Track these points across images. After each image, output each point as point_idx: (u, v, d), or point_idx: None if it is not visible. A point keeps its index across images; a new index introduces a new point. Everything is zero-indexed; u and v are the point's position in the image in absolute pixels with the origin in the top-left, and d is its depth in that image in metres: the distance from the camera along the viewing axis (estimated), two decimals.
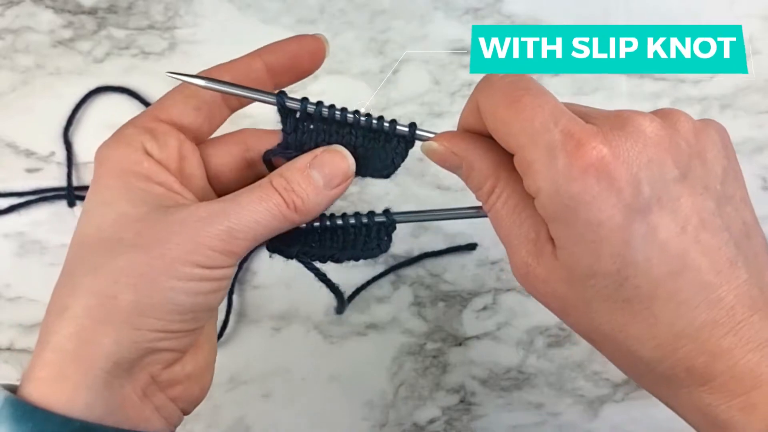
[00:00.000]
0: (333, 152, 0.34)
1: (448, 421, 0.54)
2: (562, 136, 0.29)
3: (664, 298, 0.29)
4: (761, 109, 0.57)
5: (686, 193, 0.30)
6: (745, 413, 0.29)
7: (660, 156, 0.29)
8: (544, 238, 0.31)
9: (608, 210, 0.28)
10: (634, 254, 0.29)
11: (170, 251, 0.31)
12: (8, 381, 0.52)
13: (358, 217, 0.36)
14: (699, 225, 0.30)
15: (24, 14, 0.56)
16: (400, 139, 0.36)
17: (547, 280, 0.31)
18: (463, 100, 0.57)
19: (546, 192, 0.29)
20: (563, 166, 0.28)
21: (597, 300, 0.30)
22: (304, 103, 0.35)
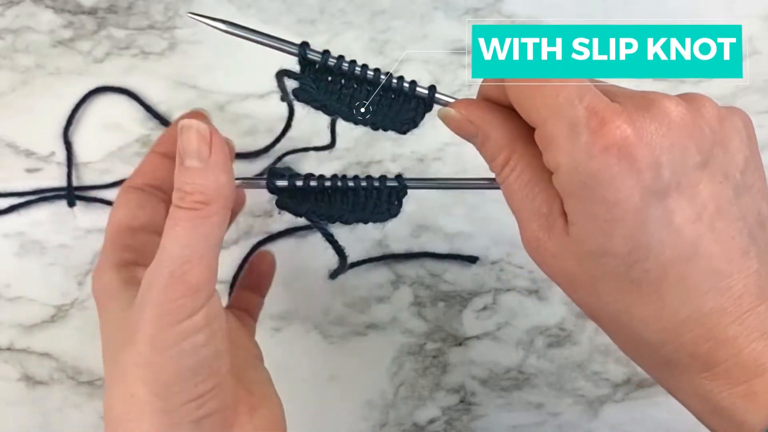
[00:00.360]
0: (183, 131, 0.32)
1: (448, 421, 0.54)
2: (586, 113, 0.29)
3: (673, 282, 0.29)
4: (761, 109, 0.57)
5: (706, 179, 0.30)
6: (747, 400, 0.29)
7: (683, 141, 0.29)
8: (556, 212, 0.31)
9: (626, 191, 0.28)
10: (647, 237, 0.29)
11: (146, 330, 0.31)
12: (7, 380, 0.52)
13: (369, 180, 0.36)
14: (715, 213, 0.30)
15: (24, 14, 0.56)
16: (419, 100, 0.36)
17: (557, 255, 0.31)
18: None
19: (565, 167, 0.29)
20: (585, 143, 0.28)
21: (605, 279, 0.30)
22: (325, 56, 0.35)
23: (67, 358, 0.53)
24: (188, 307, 0.31)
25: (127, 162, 0.55)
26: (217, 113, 0.55)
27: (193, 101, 0.55)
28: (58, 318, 0.53)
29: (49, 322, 0.53)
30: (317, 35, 0.57)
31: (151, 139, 0.55)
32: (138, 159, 0.55)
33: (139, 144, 0.55)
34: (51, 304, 0.53)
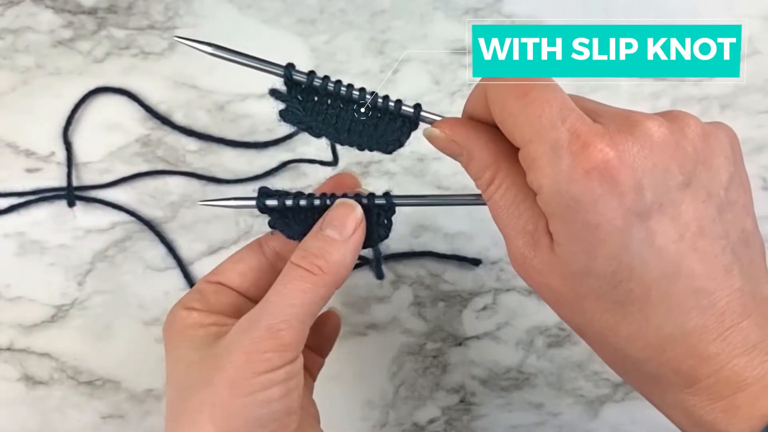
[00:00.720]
0: (338, 206, 0.35)
1: (448, 421, 0.54)
2: (569, 135, 0.29)
3: (656, 301, 0.30)
4: (761, 109, 0.57)
5: (688, 200, 0.30)
6: (729, 415, 0.29)
7: (665, 162, 0.29)
8: (541, 230, 0.31)
9: (608, 213, 0.28)
10: (630, 258, 0.29)
11: (228, 374, 0.32)
12: (7, 380, 0.52)
13: (357, 198, 0.36)
14: (698, 232, 0.30)
15: (24, 14, 0.56)
16: (404, 119, 0.36)
17: (542, 272, 0.31)
18: (463, 100, 0.56)
19: (548, 190, 0.29)
20: (567, 167, 0.28)
21: (590, 298, 0.30)
22: (310, 77, 0.35)
23: (67, 358, 0.53)
24: (274, 362, 0.32)
25: (127, 162, 0.55)
26: (217, 113, 0.55)
27: (193, 101, 0.55)
28: (58, 318, 0.53)
29: (49, 322, 0.53)
30: (317, 35, 0.57)
31: (150, 139, 0.55)
32: (138, 159, 0.55)
33: (139, 144, 0.55)
34: (51, 304, 0.53)
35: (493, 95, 0.32)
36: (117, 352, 0.53)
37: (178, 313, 0.36)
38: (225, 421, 0.32)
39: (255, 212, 0.54)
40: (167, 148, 0.55)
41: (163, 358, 0.54)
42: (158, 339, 0.53)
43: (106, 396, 0.53)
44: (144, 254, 0.54)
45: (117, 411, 0.53)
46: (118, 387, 0.53)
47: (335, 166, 0.55)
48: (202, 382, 0.33)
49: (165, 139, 0.55)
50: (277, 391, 0.32)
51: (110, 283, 0.54)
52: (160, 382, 0.53)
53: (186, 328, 0.35)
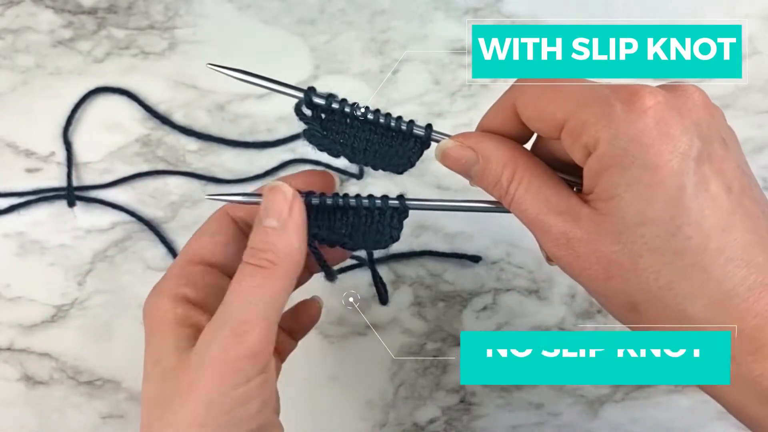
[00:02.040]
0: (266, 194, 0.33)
1: (448, 421, 0.54)
2: (612, 90, 0.30)
3: (715, 252, 0.29)
4: (761, 109, 0.57)
5: (728, 159, 0.31)
6: None
7: (707, 119, 0.30)
8: (576, 206, 0.31)
9: (666, 155, 0.29)
10: (689, 202, 0.29)
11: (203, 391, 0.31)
12: (7, 380, 0.52)
13: (371, 198, 0.36)
14: (740, 190, 0.30)
15: (24, 14, 0.56)
16: (416, 139, 0.37)
17: (591, 240, 0.31)
18: (463, 100, 0.57)
19: (605, 139, 0.29)
20: (621, 111, 0.29)
21: (646, 253, 0.30)
22: (329, 100, 0.36)
23: (67, 358, 0.53)
24: (246, 372, 0.31)
25: (127, 162, 0.55)
26: (217, 113, 0.55)
27: (193, 101, 0.55)
28: (58, 318, 0.53)
29: (49, 322, 0.53)
30: (317, 35, 0.57)
31: (150, 139, 0.55)
32: (138, 159, 0.55)
33: (138, 144, 0.55)
34: (51, 304, 0.53)
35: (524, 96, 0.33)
36: (117, 352, 0.53)
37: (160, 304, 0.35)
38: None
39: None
40: (167, 148, 0.55)
41: None
42: None
43: (106, 396, 0.53)
44: (144, 254, 0.54)
45: (117, 411, 0.53)
46: (118, 387, 0.53)
47: (360, 179, 0.55)
48: (178, 396, 0.32)
49: (165, 139, 0.55)
50: (255, 406, 0.32)
51: (110, 283, 0.54)
52: None
53: (169, 323, 0.34)
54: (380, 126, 0.36)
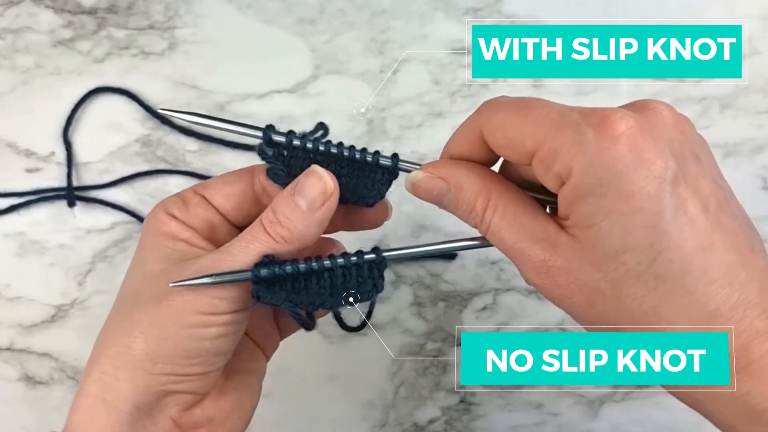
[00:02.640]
0: (310, 174, 0.34)
1: (448, 421, 0.54)
2: (582, 115, 0.29)
3: (698, 274, 0.29)
4: (761, 109, 0.57)
5: (703, 175, 0.30)
6: None
7: (679, 137, 0.30)
8: (554, 232, 0.31)
9: (641, 180, 0.28)
10: (667, 226, 0.29)
11: (175, 301, 0.33)
12: (7, 380, 0.52)
13: (346, 257, 0.35)
14: (718, 207, 0.30)
15: (24, 14, 0.56)
16: (384, 170, 0.36)
17: (571, 268, 0.30)
18: (463, 100, 0.57)
19: (578, 168, 0.29)
20: (593, 139, 0.29)
21: (628, 280, 0.29)
22: (289, 137, 0.35)
23: (66, 358, 0.53)
24: (218, 307, 0.33)
25: (127, 162, 0.55)
26: (217, 113, 0.55)
27: (193, 101, 0.55)
28: (58, 318, 0.53)
29: (49, 322, 0.53)
30: (317, 35, 0.57)
31: (150, 139, 0.55)
32: (138, 159, 0.55)
33: (138, 144, 0.55)
34: (51, 304, 0.53)
35: (492, 122, 0.32)
36: None
37: (159, 215, 0.37)
38: (156, 342, 0.33)
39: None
40: (167, 148, 0.55)
41: None
42: None
43: None
44: None
45: None
46: None
47: None
48: (150, 299, 0.34)
49: (165, 139, 0.55)
50: (213, 332, 0.34)
51: (110, 283, 0.54)
52: None
53: (160, 234, 0.36)
54: (345, 159, 0.35)
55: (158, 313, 0.33)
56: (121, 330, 0.34)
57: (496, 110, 0.32)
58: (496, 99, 0.33)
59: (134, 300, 0.35)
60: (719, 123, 0.57)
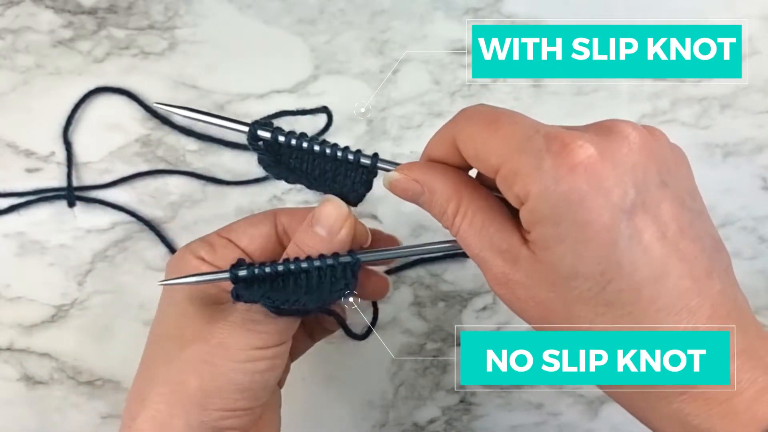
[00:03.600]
0: (325, 204, 0.37)
1: (448, 421, 0.54)
2: (546, 140, 0.29)
3: (647, 302, 0.29)
4: (761, 109, 0.57)
5: (667, 200, 0.30)
6: (727, 421, 0.29)
7: (644, 161, 0.30)
8: (517, 245, 0.31)
9: (596, 210, 0.29)
10: (619, 256, 0.29)
11: (224, 337, 0.35)
12: (7, 380, 0.52)
13: (322, 258, 0.36)
14: (678, 232, 0.30)
15: (24, 14, 0.56)
16: (364, 168, 0.37)
17: (528, 285, 0.31)
18: (463, 100, 0.57)
19: (534, 194, 0.29)
20: (551, 167, 0.29)
21: (579, 303, 0.30)
22: (275, 134, 0.37)
23: (67, 358, 0.53)
24: (267, 341, 0.36)
25: (127, 162, 0.55)
26: (217, 113, 0.55)
27: (193, 101, 0.55)
28: (58, 318, 0.53)
29: (49, 322, 0.53)
30: (317, 35, 0.57)
31: (150, 139, 0.55)
32: (138, 159, 0.55)
33: (138, 144, 0.55)
34: (51, 304, 0.53)
35: (463, 132, 0.32)
36: (117, 352, 0.53)
37: (187, 259, 0.39)
38: (211, 378, 0.35)
39: (255, 212, 0.55)
40: (167, 148, 0.55)
41: None
42: None
43: (106, 396, 0.53)
44: (144, 254, 0.54)
45: (117, 411, 0.53)
46: (118, 387, 0.53)
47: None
48: (195, 337, 0.35)
49: (165, 139, 0.55)
50: (263, 366, 0.36)
51: (110, 283, 0.54)
52: None
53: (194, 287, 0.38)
54: (328, 157, 0.37)
55: (210, 350, 0.35)
56: (172, 369, 0.35)
57: (468, 121, 0.32)
58: (473, 108, 0.33)
59: (179, 340, 0.36)
60: (719, 123, 0.57)
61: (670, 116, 0.57)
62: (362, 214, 0.55)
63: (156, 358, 0.37)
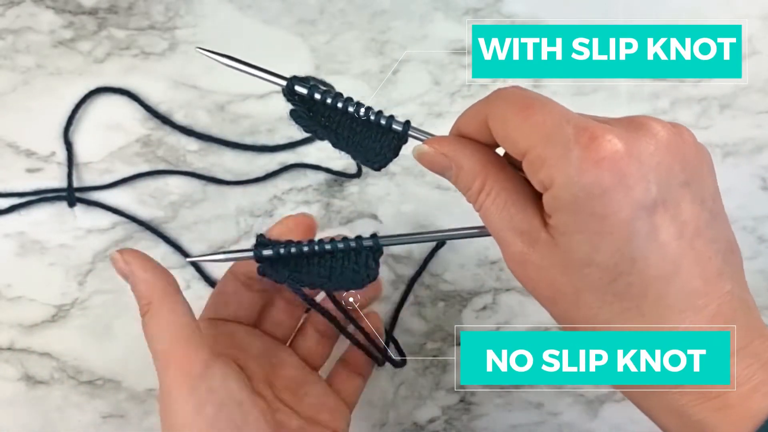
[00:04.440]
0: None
1: (448, 420, 0.54)
2: (576, 131, 0.30)
3: (654, 299, 0.30)
4: (761, 109, 0.57)
5: (687, 199, 0.31)
6: (721, 414, 0.30)
7: (668, 160, 0.30)
8: (537, 228, 0.32)
9: (616, 205, 0.29)
10: (634, 251, 0.30)
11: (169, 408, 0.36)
12: (8, 380, 0.52)
13: (345, 241, 0.37)
14: (695, 232, 0.31)
15: (24, 14, 0.56)
16: (394, 134, 0.37)
17: (542, 266, 0.32)
18: (462, 100, 0.57)
19: (558, 183, 0.30)
20: (577, 158, 0.29)
21: (589, 290, 0.31)
22: (311, 90, 0.37)
23: (67, 358, 0.53)
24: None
25: (128, 162, 0.55)
26: (217, 113, 0.56)
27: (193, 101, 0.55)
28: (59, 318, 0.53)
29: (50, 322, 0.53)
30: (317, 35, 0.57)
31: (151, 139, 0.55)
32: (138, 159, 0.55)
33: (139, 144, 0.55)
34: (51, 304, 0.53)
35: (496, 113, 0.33)
36: (117, 352, 0.53)
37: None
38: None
39: (256, 212, 0.55)
40: (168, 148, 0.55)
41: None
42: None
43: (106, 396, 0.53)
44: None
45: (117, 411, 0.53)
46: (119, 387, 0.53)
47: (359, 178, 0.55)
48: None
49: (165, 139, 0.55)
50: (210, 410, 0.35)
51: (111, 282, 0.54)
52: None
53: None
54: (359, 118, 0.37)
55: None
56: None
57: (502, 102, 0.33)
58: (507, 89, 0.33)
59: None
60: (719, 123, 0.57)
61: (669, 116, 0.57)
62: (362, 214, 0.55)
63: None
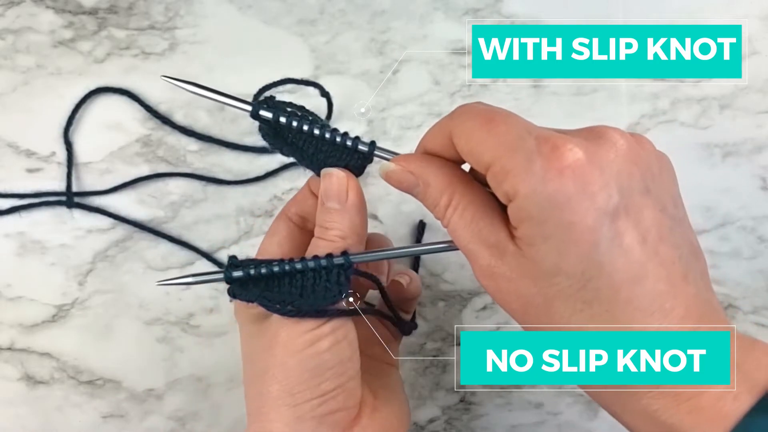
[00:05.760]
0: (325, 178, 0.38)
1: (448, 420, 0.54)
2: (537, 142, 0.30)
3: (623, 302, 0.31)
4: (761, 109, 0.57)
5: (649, 206, 0.31)
6: (693, 417, 0.30)
7: (629, 168, 0.31)
8: (504, 240, 0.33)
9: (581, 212, 0.30)
10: (600, 257, 0.30)
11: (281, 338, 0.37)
12: (8, 380, 0.52)
13: (315, 260, 0.37)
14: (657, 237, 0.31)
15: (25, 14, 0.56)
16: (360, 154, 0.38)
17: (512, 278, 0.32)
18: (462, 100, 0.57)
19: (522, 194, 0.30)
20: (540, 168, 0.30)
21: (559, 299, 0.31)
22: (276, 114, 0.38)
23: (67, 357, 0.53)
24: (315, 321, 0.36)
25: (128, 162, 0.55)
26: (217, 113, 0.56)
27: (193, 101, 0.55)
28: (59, 318, 0.53)
29: (50, 322, 0.53)
30: (317, 35, 0.57)
31: (151, 139, 0.55)
32: (138, 159, 0.55)
33: (139, 144, 0.55)
34: (51, 304, 0.53)
35: (460, 129, 0.33)
36: (117, 352, 0.53)
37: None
38: (285, 377, 0.36)
39: (256, 212, 0.55)
40: (168, 148, 0.55)
41: (163, 357, 0.54)
42: (158, 339, 0.54)
43: (106, 396, 0.53)
44: (144, 254, 0.54)
45: (118, 410, 0.53)
46: (119, 387, 0.53)
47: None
48: (262, 349, 0.37)
49: (165, 139, 0.55)
50: (325, 344, 0.36)
51: (111, 283, 0.54)
52: (160, 382, 0.53)
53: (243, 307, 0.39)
54: (326, 140, 0.38)
55: (273, 354, 0.36)
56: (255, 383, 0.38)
57: (465, 117, 0.33)
58: (470, 106, 0.34)
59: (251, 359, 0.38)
60: (719, 123, 0.57)
61: (669, 116, 0.57)
62: None
63: (246, 381, 0.39)
